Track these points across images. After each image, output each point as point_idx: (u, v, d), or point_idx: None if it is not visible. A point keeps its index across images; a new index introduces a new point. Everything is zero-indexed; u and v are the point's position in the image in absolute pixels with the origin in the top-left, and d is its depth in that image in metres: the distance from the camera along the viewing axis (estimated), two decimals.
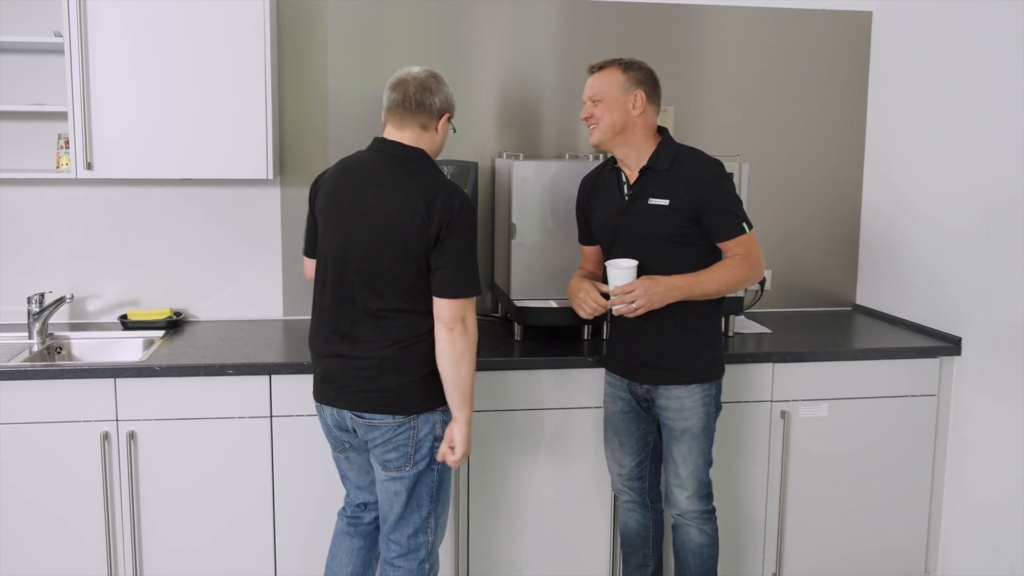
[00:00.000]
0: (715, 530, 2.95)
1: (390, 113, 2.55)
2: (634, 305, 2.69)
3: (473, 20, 3.65)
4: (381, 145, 2.55)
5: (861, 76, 3.90)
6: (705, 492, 2.91)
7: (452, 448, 2.55)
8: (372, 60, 3.62)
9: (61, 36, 3.17)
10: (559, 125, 3.74)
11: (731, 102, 3.83)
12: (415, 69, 2.55)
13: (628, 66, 2.79)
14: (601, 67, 2.82)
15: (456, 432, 2.53)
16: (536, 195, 3.23)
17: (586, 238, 3.02)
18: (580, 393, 3.15)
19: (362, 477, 2.75)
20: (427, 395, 2.54)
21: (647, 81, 2.80)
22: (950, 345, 3.34)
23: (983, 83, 3.22)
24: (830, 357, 3.29)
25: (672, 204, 2.74)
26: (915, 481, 3.42)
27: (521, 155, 3.31)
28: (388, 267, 2.45)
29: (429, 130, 2.54)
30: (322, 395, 2.62)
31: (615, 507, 3.19)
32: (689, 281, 2.72)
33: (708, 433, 2.87)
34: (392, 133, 2.55)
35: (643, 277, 2.71)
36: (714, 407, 2.87)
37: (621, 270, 2.72)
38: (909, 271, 3.64)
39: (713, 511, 2.94)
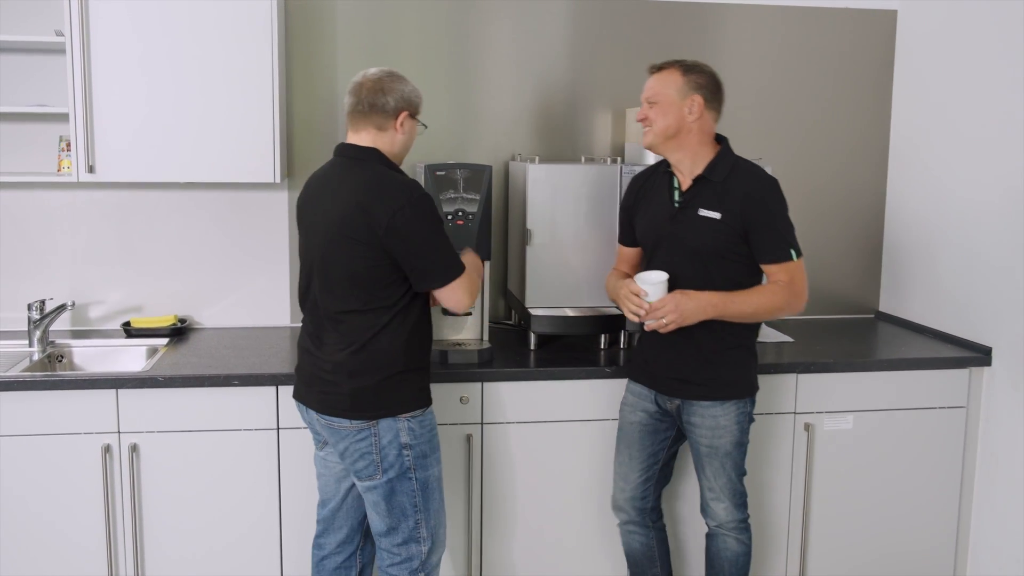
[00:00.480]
0: (750, 539, 2.88)
1: (348, 118, 2.57)
2: (664, 321, 2.60)
3: (485, 20, 3.56)
4: (339, 150, 2.58)
5: (885, 76, 3.79)
6: (740, 501, 2.84)
7: None
8: (382, 61, 3.50)
9: (63, 35, 3.08)
10: (574, 127, 3.64)
11: (751, 103, 3.73)
12: (372, 71, 2.55)
13: (689, 69, 2.70)
14: (661, 68, 2.73)
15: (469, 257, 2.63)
16: (552, 199, 3.13)
17: (627, 239, 2.91)
18: (597, 405, 3.05)
19: (330, 485, 2.71)
20: (383, 401, 2.50)
21: (707, 86, 2.70)
22: (980, 355, 3.23)
23: (1013, 83, 3.10)
24: (855, 368, 3.19)
25: (723, 218, 2.64)
26: (943, 496, 3.32)
27: (537, 158, 3.20)
28: (341, 266, 2.46)
29: (387, 130, 2.53)
30: (296, 391, 2.66)
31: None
32: (724, 300, 2.63)
33: (741, 447, 2.79)
34: (351, 137, 2.57)
35: (676, 292, 2.62)
36: (747, 421, 2.78)
37: (651, 285, 2.62)
38: (935, 278, 3.53)
39: (748, 519, 2.86)
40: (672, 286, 2.65)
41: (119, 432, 2.89)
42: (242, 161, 3.17)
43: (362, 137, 2.54)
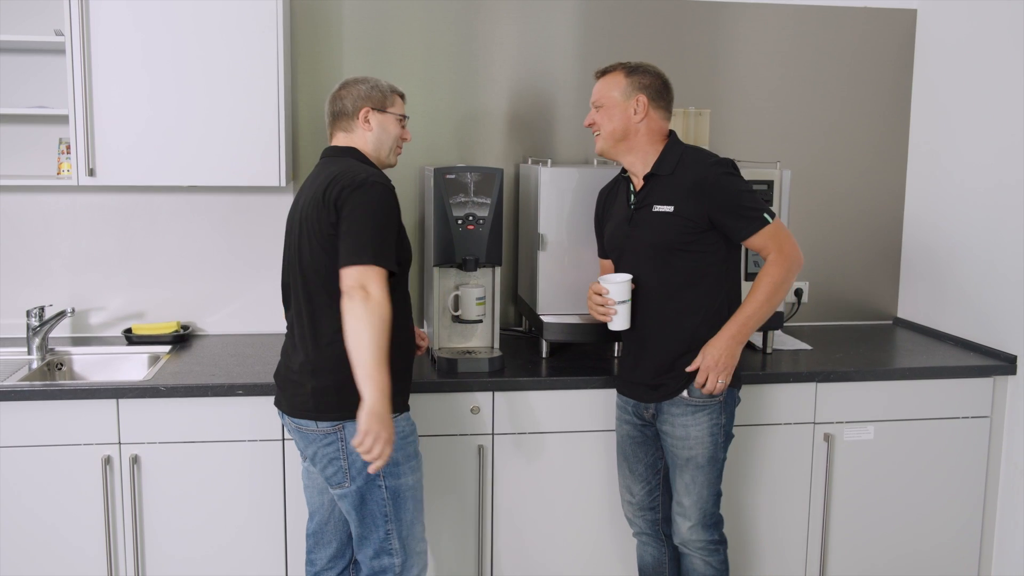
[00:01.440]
0: (722, 562, 2.77)
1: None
2: (719, 383, 2.59)
3: (493, 21, 3.48)
4: (322, 153, 2.62)
5: (905, 77, 3.71)
6: (711, 522, 2.74)
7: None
8: (388, 63, 3.44)
9: (62, 35, 3.00)
10: (583, 129, 3.53)
11: (767, 105, 3.65)
12: (335, 87, 2.61)
13: (632, 70, 2.68)
14: (605, 72, 2.73)
15: (360, 419, 2.26)
16: (565, 203, 3.05)
17: (603, 251, 2.87)
18: (611, 414, 2.96)
19: (314, 497, 2.64)
20: (346, 401, 2.36)
21: (652, 85, 2.67)
22: (1005, 364, 3.15)
23: None
24: (876, 376, 3.10)
25: (676, 210, 2.60)
26: (966, 507, 3.23)
27: (549, 161, 3.12)
28: (307, 259, 2.43)
29: (354, 131, 2.57)
30: (275, 397, 2.60)
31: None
32: (738, 321, 2.60)
33: (715, 463, 2.69)
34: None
35: (701, 352, 2.60)
36: (723, 436, 2.69)
37: (613, 284, 2.61)
38: (956, 283, 3.44)
39: (720, 542, 2.76)
40: (635, 286, 2.64)
41: (120, 443, 2.80)
42: (246, 164, 3.09)
43: (338, 140, 2.60)
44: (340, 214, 2.35)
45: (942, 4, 3.53)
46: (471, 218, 2.92)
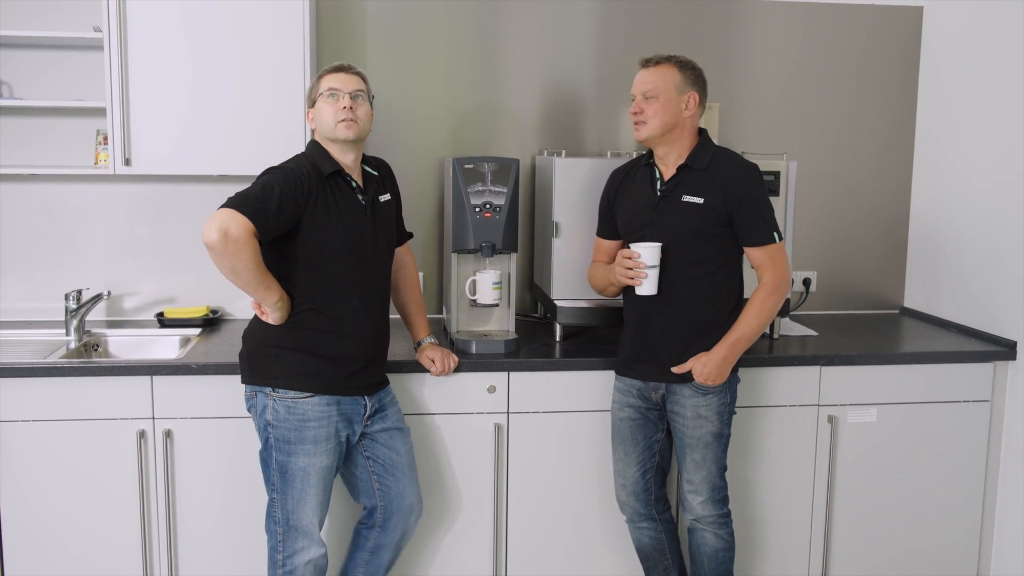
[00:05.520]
0: (731, 534, 2.92)
1: None
2: (710, 383, 2.75)
3: (512, 17, 3.61)
4: None
5: (911, 73, 3.81)
6: (720, 496, 2.87)
7: None
8: (410, 59, 3.58)
9: (100, 31, 3.16)
10: (600, 121, 3.67)
11: (776, 99, 3.76)
12: None
13: (684, 65, 2.77)
14: (657, 63, 2.78)
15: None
16: (578, 192, 3.17)
17: (606, 232, 2.98)
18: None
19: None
20: (255, 369, 2.65)
21: (699, 82, 2.78)
22: (1005, 349, 3.24)
23: None
24: (879, 360, 3.20)
25: (706, 202, 2.73)
26: (968, 489, 3.33)
27: (564, 152, 3.25)
28: None
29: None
30: None
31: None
32: (730, 341, 2.74)
33: (722, 439, 2.84)
34: None
35: (692, 361, 2.75)
36: (728, 413, 2.83)
37: (647, 248, 2.72)
38: (960, 273, 3.54)
39: (728, 515, 2.91)
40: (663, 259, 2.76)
41: (153, 418, 2.95)
42: (273, 155, 3.15)
43: None
44: None
45: (948, 1, 3.63)
46: (488, 206, 3.05)
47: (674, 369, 2.77)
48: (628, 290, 2.83)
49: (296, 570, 2.69)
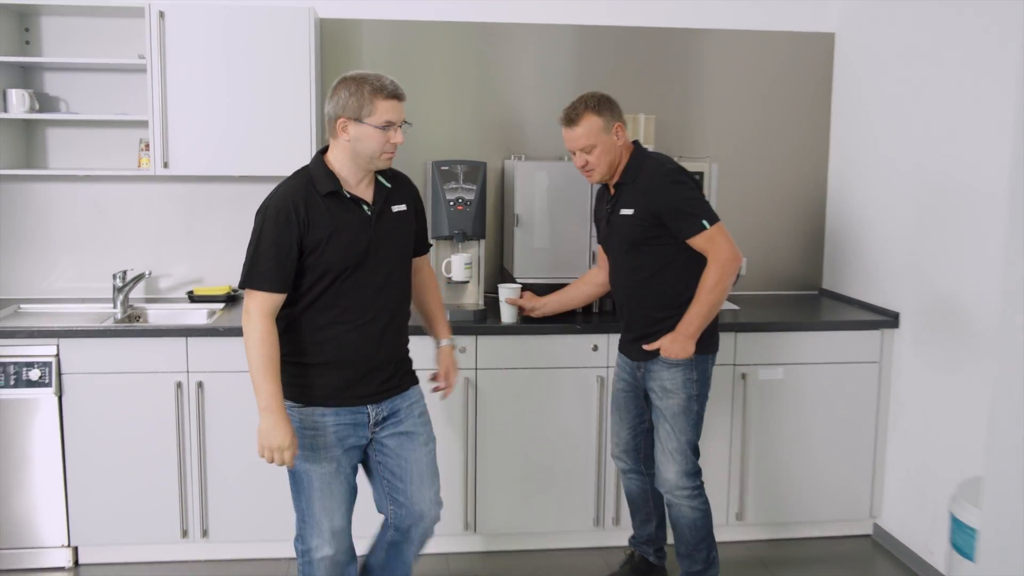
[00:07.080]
0: (705, 502, 3.17)
1: None
2: (674, 357, 3.04)
3: (492, 45, 4.21)
4: None
5: (826, 90, 4.41)
6: (692, 470, 3.12)
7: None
8: (403, 74, 4.19)
9: (144, 58, 3.82)
10: (552, 127, 4.21)
11: (712, 112, 4.36)
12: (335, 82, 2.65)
13: (598, 105, 2.97)
14: (576, 119, 2.97)
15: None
16: (536, 190, 3.81)
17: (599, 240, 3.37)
18: (573, 355, 3.70)
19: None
20: (288, 386, 2.63)
21: (615, 110, 3.01)
22: (889, 319, 3.86)
23: (924, 98, 3.72)
24: (786, 328, 3.81)
25: (636, 213, 3.01)
26: (861, 436, 3.92)
27: (524, 156, 3.88)
28: None
29: (336, 136, 2.60)
30: None
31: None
32: (687, 320, 2.97)
33: (689, 414, 3.08)
34: None
35: (660, 341, 3.05)
36: (695, 389, 3.08)
37: (504, 288, 3.56)
38: (862, 257, 4.15)
39: (701, 486, 3.17)
40: (614, 273, 3.19)
41: (188, 372, 3.59)
42: (285, 158, 3.75)
43: (330, 140, 2.66)
44: None
45: (856, 29, 4.21)
46: (460, 200, 3.69)
47: (645, 346, 3.07)
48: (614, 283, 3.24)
49: (313, 562, 2.71)
